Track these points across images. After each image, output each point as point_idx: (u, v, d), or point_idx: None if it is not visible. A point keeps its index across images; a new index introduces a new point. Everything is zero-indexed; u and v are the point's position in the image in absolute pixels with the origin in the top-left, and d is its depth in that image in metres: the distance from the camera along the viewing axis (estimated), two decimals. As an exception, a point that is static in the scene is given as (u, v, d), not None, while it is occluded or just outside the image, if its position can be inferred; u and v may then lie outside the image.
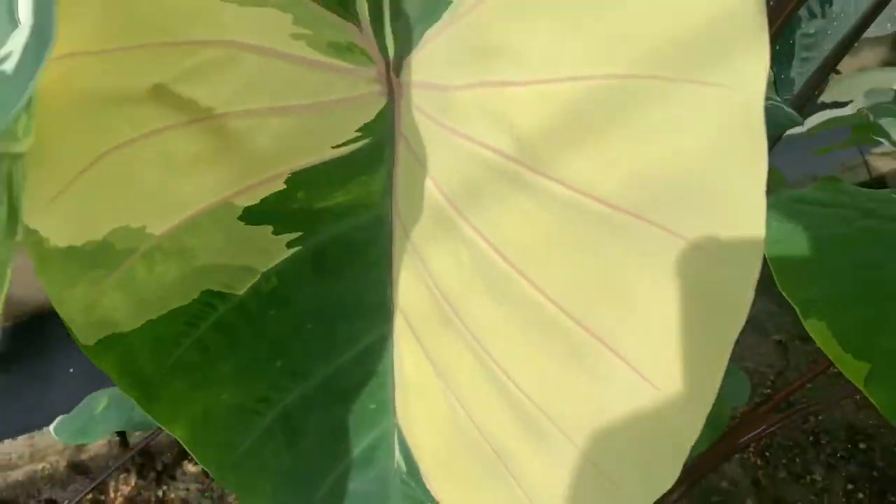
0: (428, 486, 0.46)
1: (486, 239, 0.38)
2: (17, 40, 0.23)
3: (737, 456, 1.39)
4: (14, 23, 0.24)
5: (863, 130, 1.31)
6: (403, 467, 0.47)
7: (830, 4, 0.86)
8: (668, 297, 0.33)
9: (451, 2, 0.38)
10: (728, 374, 0.66)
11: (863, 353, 0.55)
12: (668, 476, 0.36)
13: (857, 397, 1.47)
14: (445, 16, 0.38)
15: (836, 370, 0.56)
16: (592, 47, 0.32)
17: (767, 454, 1.42)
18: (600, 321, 0.35)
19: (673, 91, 0.30)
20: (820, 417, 1.46)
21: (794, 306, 0.56)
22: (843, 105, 1.36)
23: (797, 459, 1.40)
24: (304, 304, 0.47)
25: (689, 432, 0.34)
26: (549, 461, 0.40)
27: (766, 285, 0.39)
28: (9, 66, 0.22)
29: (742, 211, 0.29)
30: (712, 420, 0.92)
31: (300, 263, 0.46)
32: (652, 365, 0.34)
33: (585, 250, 0.34)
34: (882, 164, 1.83)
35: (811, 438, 1.44)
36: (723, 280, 0.30)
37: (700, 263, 0.31)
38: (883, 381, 0.54)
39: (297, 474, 0.49)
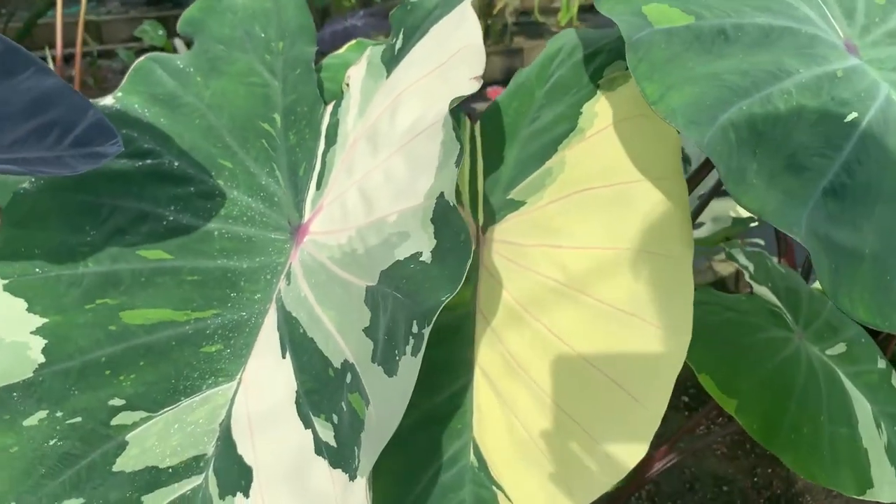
0: (493, 475, 0.77)
1: (543, 324, 0.71)
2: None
3: (632, 499, 1.74)
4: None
5: (707, 243, 1.77)
6: (476, 463, 0.78)
7: (689, 163, 1.27)
8: (647, 356, 0.67)
9: (525, 202, 0.72)
10: None
11: (731, 393, 0.91)
12: (643, 450, 0.69)
13: (719, 452, 1.88)
14: (522, 209, 0.72)
15: (701, 431, 0.92)
16: (607, 233, 0.67)
17: (656, 499, 1.79)
18: (612, 368, 0.68)
19: (648, 257, 0.65)
20: (693, 470, 1.84)
21: (691, 365, 0.92)
22: (696, 227, 1.82)
23: (678, 502, 1.77)
24: (417, 364, 0.77)
25: (654, 426, 0.68)
26: (572, 450, 0.72)
27: None
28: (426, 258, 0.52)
29: (682, 311, 0.64)
30: None
31: (417, 340, 0.77)
32: (637, 391, 0.68)
33: (605, 331, 0.68)
34: (723, 268, 2.35)
35: (687, 486, 1.82)
36: (672, 336, 0.65)
37: (663, 337, 0.66)
38: (745, 410, 0.91)
39: (405, 473, 0.78)
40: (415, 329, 0.51)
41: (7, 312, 0.66)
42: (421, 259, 0.55)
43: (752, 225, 1.74)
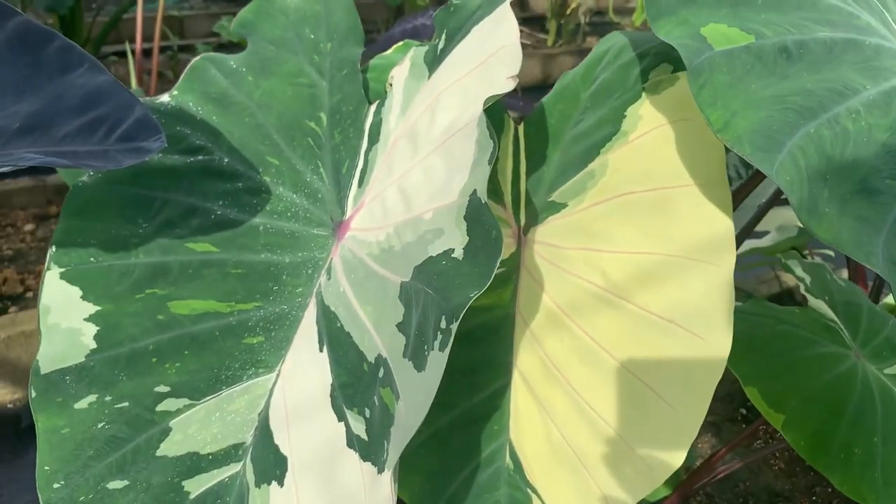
0: (528, 478, 0.77)
1: (583, 329, 0.71)
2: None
3: (682, 512, 1.70)
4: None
5: (774, 252, 1.72)
6: (511, 466, 0.78)
7: (751, 168, 1.24)
8: (685, 365, 0.66)
9: (566, 205, 0.71)
10: None
11: (779, 408, 0.89)
12: (679, 459, 0.68)
13: (776, 467, 1.83)
14: (563, 211, 0.72)
15: (759, 445, 0.89)
16: (650, 238, 0.66)
17: (707, 513, 1.74)
18: (650, 375, 0.68)
19: (689, 264, 0.64)
20: (748, 484, 1.79)
21: (738, 377, 0.90)
22: (760, 235, 1.77)
23: (730, 517, 1.72)
24: (456, 362, 0.78)
25: (691, 435, 0.67)
26: (608, 455, 0.72)
27: None
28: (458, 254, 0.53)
29: (722, 321, 0.63)
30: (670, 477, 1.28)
31: (456, 338, 0.77)
32: (674, 400, 0.67)
33: (644, 338, 0.67)
34: (789, 279, 2.27)
35: (741, 500, 1.77)
36: (711, 346, 0.64)
37: (703, 347, 0.64)
38: (793, 426, 0.88)
39: (441, 472, 0.79)
40: (443, 325, 0.52)
41: (63, 299, 0.69)
42: (453, 255, 0.56)
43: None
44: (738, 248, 1.36)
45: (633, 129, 0.67)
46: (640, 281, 0.66)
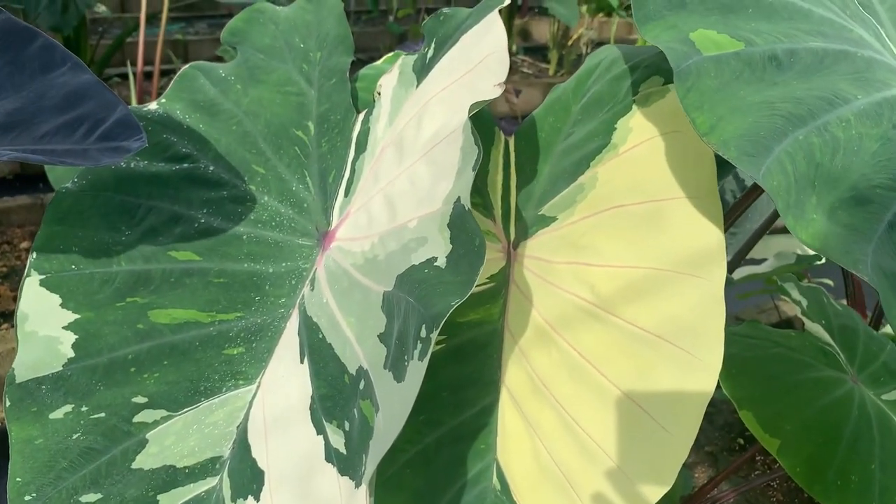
0: (514, 498, 0.75)
1: (571, 345, 0.69)
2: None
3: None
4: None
5: (773, 282, 1.71)
6: (498, 486, 0.76)
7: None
8: (675, 382, 0.64)
9: (556, 218, 0.70)
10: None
11: (775, 432, 0.87)
12: (670, 480, 0.66)
13: (774, 499, 1.79)
14: (553, 225, 0.71)
15: (756, 475, 0.87)
16: (639, 251, 0.65)
17: (702, 544, 1.71)
18: (638, 393, 0.66)
19: (679, 279, 0.63)
20: (744, 515, 1.76)
21: (733, 402, 0.88)
22: (758, 261, 1.76)
23: (726, 549, 1.69)
24: (443, 379, 0.76)
25: (682, 455, 0.65)
26: (597, 476, 0.70)
27: None
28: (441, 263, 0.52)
29: (713, 337, 0.61)
30: (667, 499, 1.26)
31: (443, 354, 0.76)
32: (664, 418, 0.65)
33: (632, 354, 0.66)
34: (788, 309, 2.26)
35: (737, 533, 1.74)
36: (702, 363, 0.62)
37: (693, 364, 0.63)
38: (788, 451, 0.86)
39: (426, 491, 0.77)
40: (423, 333, 0.51)
41: (42, 307, 0.68)
42: (435, 264, 0.54)
43: (818, 263, 1.67)
44: (734, 272, 1.35)
45: (623, 141, 0.66)
46: (628, 295, 0.65)
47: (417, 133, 0.62)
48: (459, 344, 0.76)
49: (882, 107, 0.55)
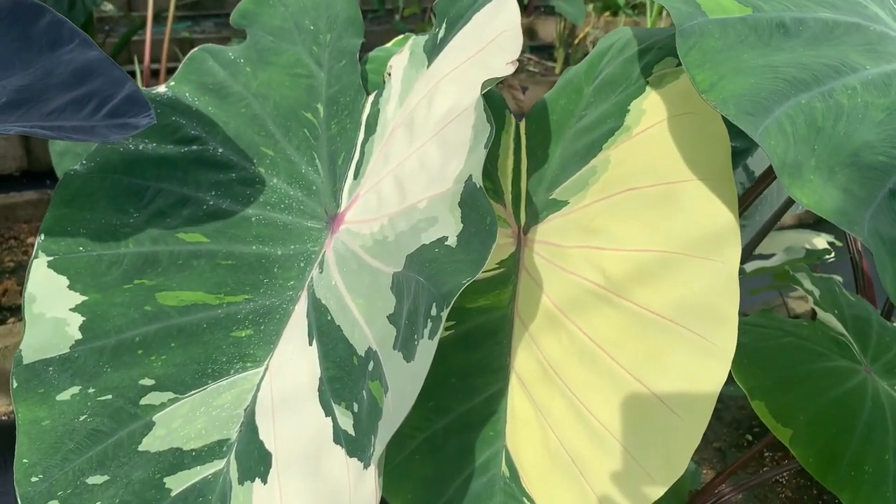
0: (523, 486, 0.74)
1: (582, 330, 0.69)
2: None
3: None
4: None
5: (782, 278, 1.70)
6: (507, 473, 0.75)
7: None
8: (688, 367, 0.63)
9: (567, 202, 0.70)
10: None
11: (787, 422, 0.86)
12: (682, 467, 0.65)
13: (783, 496, 1.78)
14: (564, 209, 0.70)
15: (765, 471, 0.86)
16: (649, 235, 0.64)
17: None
18: (650, 378, 0.65)
19: (692, 261, 0.62)
20: (753, 512, 1.74)
21: (744, 391, 0.87)
22: (767, 257, 1.74)
23: (735, 546, 1.68)
24: (451, 365, 0.75)
25: (695, 441, 0.64)
26: (608, 463, 0.69)
27: None
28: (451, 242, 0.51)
29: (727, 321, 0.61)
30: (675, 494, 1.26)
31: (452, 340, 0.75)
32: (677, 404, 0.64)
33: (644, 338, 0.65)
34: (797, 305, 2.24)
35: (745, 530, 1.72)
36: (715, 348, 0.61)
37: (706, 348, 0.62)
38: (801, 442, 0.85)
39: (435, 479, 0.76)
40: (433, 312, 0.50)
41: (49, 289, 0.68)
42: (446, 243, 0.54)
43: (828, 258, 1.66)
44: (743, 265, 1.33)
45: (636, 123, 0.65)
46: (641, 279, 0.64)
47: (428, 113, 0.61)
48: (469, 330, 0.75)
49: (891, 77, 0.54)
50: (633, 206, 0.64)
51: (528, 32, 5.32)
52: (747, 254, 1.16)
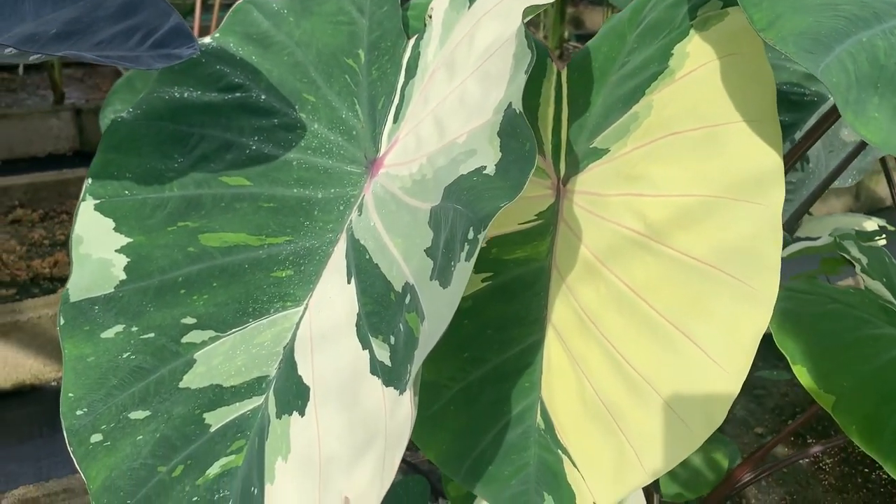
0: (558, 438, 0.74)
1: (620, 278, 0.68)
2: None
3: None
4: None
5: (830, 263, 1.66)
6: (542, 425, 0.75)
7: (808, 162, 1.20)
8: (728, 313, 0.62)
9: (609, 150, 0.69)
10: (725, 443, 1.03)
11: (830, 388, 0.84)
12: (720, 417, 0.64)
13: (826, 482, 1.75)
14: (605, 157, 0.69)
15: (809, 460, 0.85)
16: (692, 179, 0.63)
17: (750, 526, 1.67)
18: (689, 325, 0.64)
19: (734, 205, 0.61)
20: (795, 497, 1.72)
21: (786, 356, 0.85)
22: (814, 240, 1.71)
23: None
24: (488, 317, 0.75)
25: (734, 391, 0.63)
26: (645, 414, 0.68)
27: (744, 389, 0.67)
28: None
29: (769, 266, 0.60)
30: (713, 468, 1.24)
31: (489, 292, 0.75)
32: (717, 352, 0.63)
33: (684, 285, 0.64)
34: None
35: (787, 515, 1.69)
36: (757, 293, 0.60)
37: (748, 294, 0.61)
38: (844, 408, 0.83)
39: (469, 430, 0.76)
40: (470, 235, 0.50)
41: (96, 230, 0.69)
42: (484, 172, 0.54)
43: (878, 240, 1.62)
44: (784, 249, 1.31)
45: (679, 66, 0.64)
46: (681, 224, 0.63)
47: (469, 50, 0.61)
48: (506, 282, 0.75)
49: (958, 18, 0.53)
50: (676, 151, 0.63)
51: (575, 21, 5.29)
52: (793, 222, 1.14)
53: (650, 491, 1.09)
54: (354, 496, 0.54)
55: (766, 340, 0.74)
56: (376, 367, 0.57)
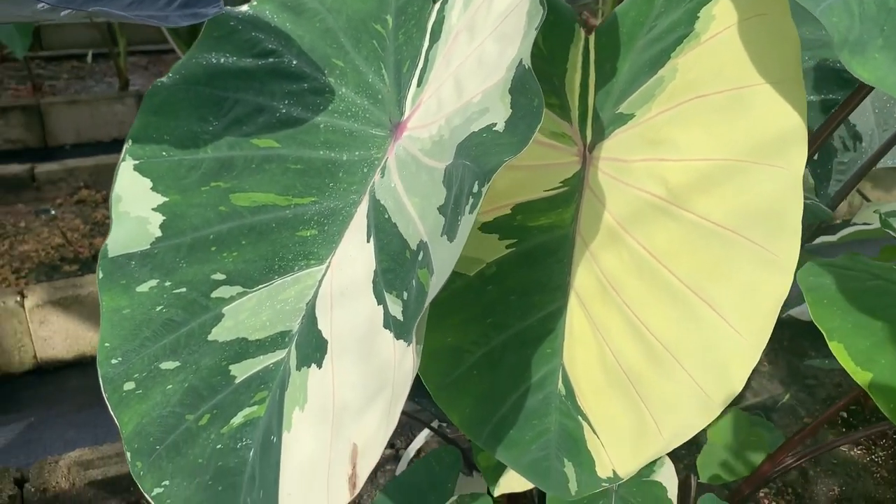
0: (579, 404, 0.74)
1: (642, 244, 0.68)
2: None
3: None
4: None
5: (891, 250, 1.60)
6: (563, 391, 0.75)
7: (860, 141, 1.16)
8: (748, 280, 0.61)
9: (634, 115, 0.69)
10: (769, 429, 1.02)
11: (867, 366, 0.82)
12: (739, 385, 0.64)
13: (878, 475, 1.69)
14: (630, 122, 0.69)
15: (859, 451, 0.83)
16: (714, 143, 0.62)
17: (795, 516, 1.64)
18: (709, 292, 0.64)
19: (755, 168, 0.60)
20: (844, 489, 1.67)
21: (822, 331, 0.83)
22: (869, 225, 1.65)
23: (822, 523, 1.61)
24: (511, 283, 0.76)
25: (754, 359, 0.63)
26: (665, 382, 0.68)
27: (795, 378, 0.66)
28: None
29: (790, 230, 0.59)
30: (757, 446, 1.21)
31: (513, 258, 0.76)
32: (736, 319, 0.63)
33: (704, 250, 0.63)
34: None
35: (835, 506, 1.65)
36: (777, 258, 0.59)
37: (768, 259, 0.60)
38: (881, 386, 0.81)
39: (491, 394, 0.77)
40: (475, 189, 0.51)
41: (134, 190, 0.72)
42: (494, 129, 0.54)
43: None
44: (836, 235, 1.27)
45: (705, 29, 0.63)
46: (702, 188, 0.63)
47: (488, 12, 0.62)
48: (530, 248, 0.76)
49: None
50: (700, 114, 0.63)
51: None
52: (838, 201, 1.11)
53: (688, 473, 1.08)
54: (362, 442, 0.55)
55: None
56: (389, 322, 0.59)
